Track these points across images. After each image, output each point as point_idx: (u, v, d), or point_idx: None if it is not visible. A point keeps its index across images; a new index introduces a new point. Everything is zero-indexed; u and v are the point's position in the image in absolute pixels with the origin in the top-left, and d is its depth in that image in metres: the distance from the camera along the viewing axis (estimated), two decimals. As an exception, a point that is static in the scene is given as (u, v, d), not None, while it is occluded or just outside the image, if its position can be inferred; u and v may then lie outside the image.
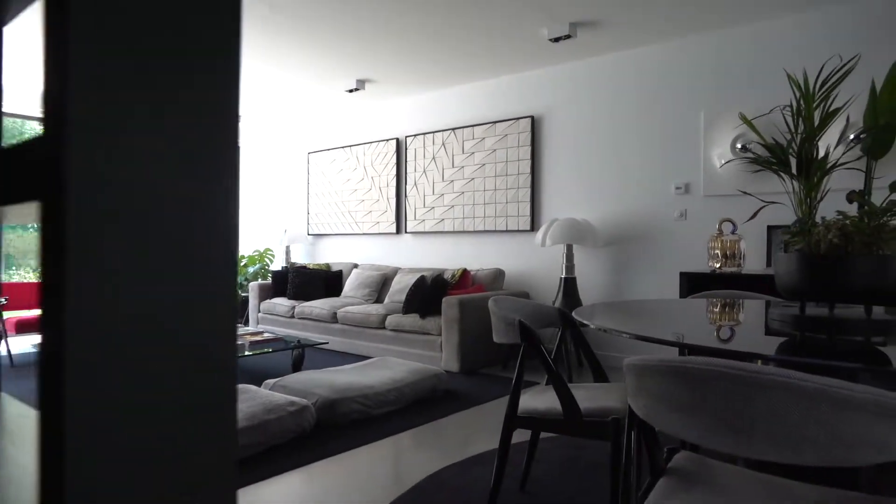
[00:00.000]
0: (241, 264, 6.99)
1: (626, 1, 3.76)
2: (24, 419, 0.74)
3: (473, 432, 3.03)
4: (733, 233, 3.81)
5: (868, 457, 0.87)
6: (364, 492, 2.28)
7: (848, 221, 1.52)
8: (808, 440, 0.88)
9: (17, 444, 0.65)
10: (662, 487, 1.24)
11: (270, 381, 3.40)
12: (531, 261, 5.20)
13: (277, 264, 7.37)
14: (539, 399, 1.96)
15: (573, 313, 1.83)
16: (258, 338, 4.43)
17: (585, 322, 1.65)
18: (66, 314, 0.29)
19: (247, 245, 7.59)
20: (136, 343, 0.32)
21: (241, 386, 3.24)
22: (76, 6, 0.29)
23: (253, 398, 2.94)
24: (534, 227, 5.15)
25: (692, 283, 3.72)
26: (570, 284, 4.59)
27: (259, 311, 6.20)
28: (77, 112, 0.29)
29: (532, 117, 5.14)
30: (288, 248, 6.86)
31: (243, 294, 6.81)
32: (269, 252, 7.21)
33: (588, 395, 1.90)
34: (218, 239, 0.35)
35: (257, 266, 7.02)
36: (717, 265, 3.73)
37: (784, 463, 0.91)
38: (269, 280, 6.55)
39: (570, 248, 4.63)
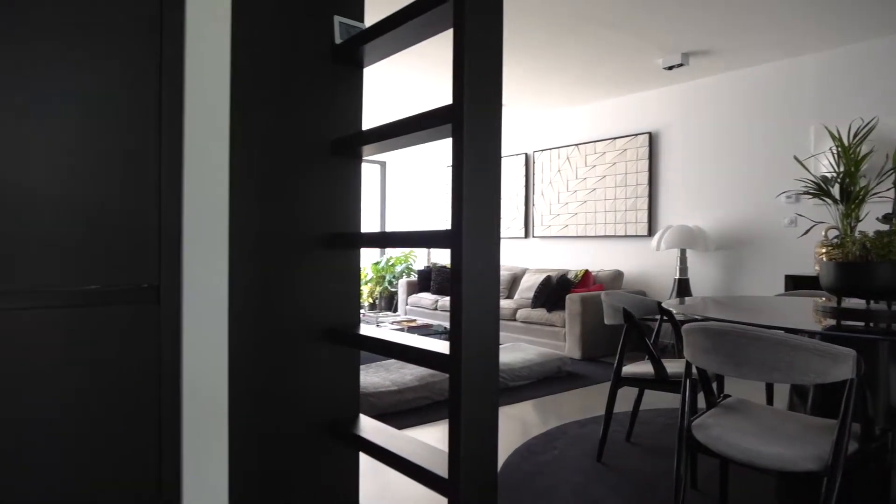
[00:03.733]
0: (390, 264, 8.15)
1: (734, 30, 4.25)
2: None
3: (591, 402, 3.75)
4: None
5: (814, 379, 1.53)
6: (505, 435, 3.10)
7: (867, 238, 2.08)
8: (777, 369, 1.56)
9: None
10: (710, 413, 1.92)
11: (429, 356, 4.35)
12: (648, 263, 5.75)
13: (420, 264, 8.45)
14: (638, 367, 2.67)
15: (662, 304, 2.52)
16: (412, 324, 5.43)
17: (671, 310, 2.34)
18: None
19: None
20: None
21: (406, 359, 4.20)
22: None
23: (417, 367, 3.88)
24: (650, 232, 5.69)
25: (795, 285, 4.13)
26: (683, 285, 5.11)
27: (407, 304, 7.28)
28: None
29: (649, 133, 5.69)
30: (429, 250, 7.91)
31: (392, 289, 7.95)
32: (412, 254, 8.31)
33: (672, 365, 2.58)
34: (488, 273, 1.17)
35: (403, 266, 8.14)
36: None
37: (765, 382, 1.58)
38: (414, 277, 7.62)
39: (683, 252, 5.15)
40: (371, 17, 3.93)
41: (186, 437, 1.11)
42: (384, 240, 1.44)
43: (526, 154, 6.99)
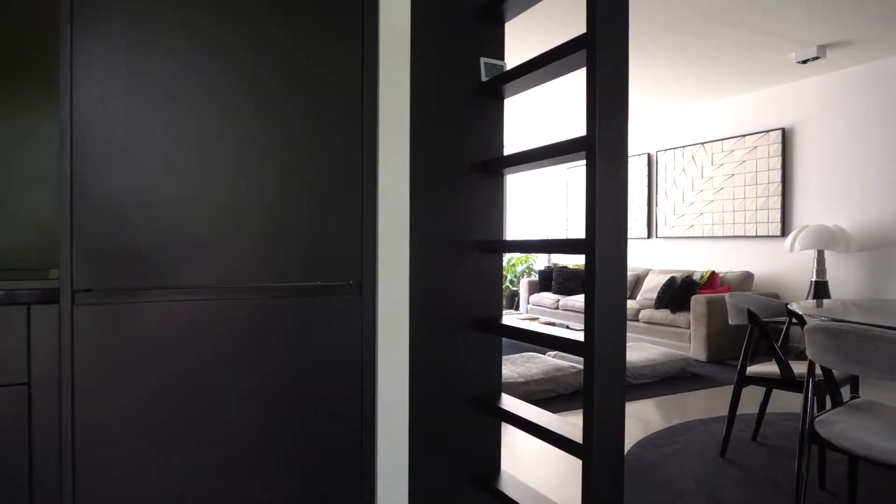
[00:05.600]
0: (511, 264, 8.43)
1: (875, 19, 4.04)
2: (512, 327, 1.91)
3: (716, 403, 3.78)
4: None
5: (938, 379, 1.59)
6: (626, 429, 3.26)
7: None
8: (899, 368, 1.63)
9: (522, 331, 1.81)
10: (836, 411, 2.00)
11: (552, 352, 4.56)
12: (781, 265, 5.53)
13: (540, 264, 8.64)
14: (763, 368, 2.73)
15: (791, 305, 2.57)
16: (537, 321, 5.67)
17: (799, 312, 2.40)
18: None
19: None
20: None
21: (529, 353, 4.45)
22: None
23: (543, 362, 4.12)
24: (784, 232, 5.48)
25: (950, 289, 3.86)
26: (820, 287, 4.90)
27: (528, 303, 7.52)
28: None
29: (783, 129, 5.48)
30: (549, 250, 8.07)
31: (513, 288, 8.22)
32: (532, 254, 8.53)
33: (801, 367, 2.61)
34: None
35: (524, 266, 8.39)
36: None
37: (886, 379, 1.67)
38: (535, 277, 7.83)
39: (820, 254, 4.93)
40: (510, 51, 4.22)
41: (379, 401, 1.46)
42: (525, 246, 1.71)
43: (648, 154, 6.96)
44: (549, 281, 7.36)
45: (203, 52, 1.27)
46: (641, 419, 3.42)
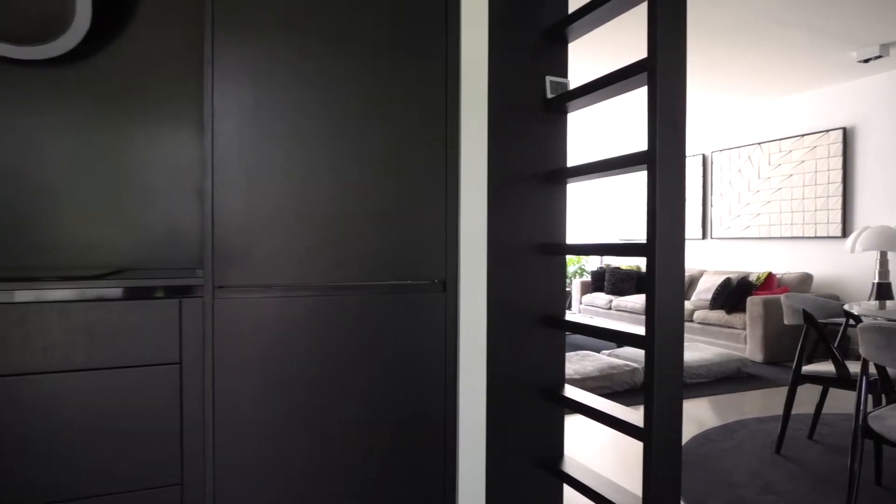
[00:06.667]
0: (562, 264, 8.53)
1: (942, 22, 3.99)
2: (574, 323, 2.08)
3: (772, 402, 3.82)
4: None
5: None
6: (683, 425, 3.36)
7: None
8: (950, 365, 1.72)
9: (584, 327, 1.97)
10: (890, 407, 2.08)
11: (607, 351, 4.67)
12: (842, 266, 5.46)
13: (592, 265, 8.70)
14: (819, 367, 2.79)
15: (846, 306, 2.63)
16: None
17: (856, 313, 2.47)
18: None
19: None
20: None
21: (585, 351, 4.58)
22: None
23: (597, 360, 4.25)
24: (844, 233, 5.41)
25: None
26: (883, 289, 4.82)
27: (580, 303, 7.60)
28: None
29: (843, 129, 5.41)
30: (601, 251, 8.13)
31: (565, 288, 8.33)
32: (584, 254, 8.60)
33: (855, 366, 2.67)
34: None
35: (576, 266, 8.46)
36: None
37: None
38: (587, 278, 7.90)
39: (883, 255, 4.85)
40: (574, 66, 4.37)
41: (461, 388, 1.65)
42: (587, 249, 1.87)
43: (703, 155, 6.93)
44: (602, 281, 7.43)
45: (312, 89, 1.50)
46: (696, 417, 3.51)
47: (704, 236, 6.92)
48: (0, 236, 1.64)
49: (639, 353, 4.53)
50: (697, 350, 4.74)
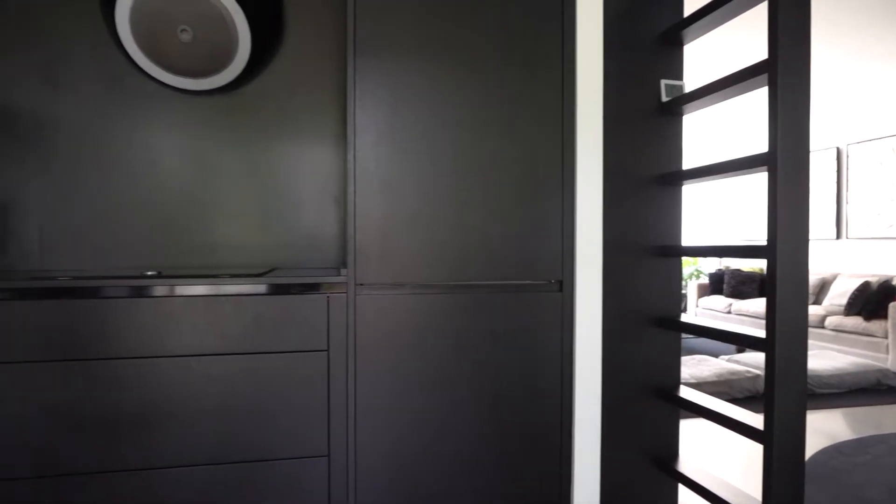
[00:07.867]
0: (677, 266, 8.22)
1: None
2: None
3: (918, 418, 3.50)
4: None
5: None
6: (808, 437, 3.18)
7: None
8: None
9: (701, 329, 1.97)
10: None
11: (725, 356, 4.50)
12: None
13: (710, 267, 8.30)
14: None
15: None
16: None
17: None
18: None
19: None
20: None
21: (701, 356, 4.43)
22: (781, 224, 1.51)
23: (716, 365, 4.11)
24: None
25: None
26: None
27: (697, 306, 7.29)
28: (781, 244, 1.52)
29: None
30: (720, 252, 7.74)
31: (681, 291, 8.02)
32: (701, 256, 8.22)
33: None
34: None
35: (692, 268, 8.12)
36: None
37: None
38: (704, 280, 7.56)
39: None
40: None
41: (576, 387, 1.74)
42: (703, 251, 1.88)
43: (837, 148, 6.41)
44: (720, 284, 7.08)
45: (441, 101, 1.65)
46: (826, 429, 3.31)
47: (839, 236, 6.40)
48: (174, 239, 1.95)
49: (761, 360, 4.31)
50: (829, 358, 4.43)
